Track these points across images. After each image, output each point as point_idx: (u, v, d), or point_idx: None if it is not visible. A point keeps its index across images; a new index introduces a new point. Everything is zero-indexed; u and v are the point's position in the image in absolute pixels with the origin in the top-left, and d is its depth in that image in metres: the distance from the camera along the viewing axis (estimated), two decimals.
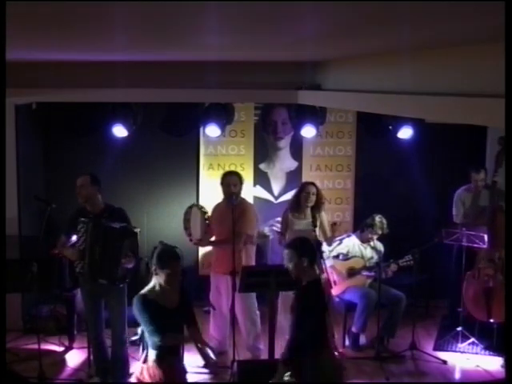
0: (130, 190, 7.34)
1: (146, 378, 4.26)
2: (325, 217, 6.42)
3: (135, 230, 5.40)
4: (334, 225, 6.39)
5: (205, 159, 7.57)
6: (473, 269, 6.41)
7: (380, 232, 6.49)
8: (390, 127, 7.21)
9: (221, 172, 6.71)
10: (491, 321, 6.20)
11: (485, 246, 6.08)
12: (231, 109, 7.23)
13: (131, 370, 5.37)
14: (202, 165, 7.57)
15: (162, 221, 7.47)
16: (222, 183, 6.14)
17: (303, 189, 6.39)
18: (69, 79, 6.19)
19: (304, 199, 6.29)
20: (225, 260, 5.92)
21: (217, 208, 6.30)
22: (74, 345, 6.39)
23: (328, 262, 6.40)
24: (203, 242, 6.29)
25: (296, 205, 6.40)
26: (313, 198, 6.26)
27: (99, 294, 5.43)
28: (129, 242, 5.26)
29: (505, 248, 5.07)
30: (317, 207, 6.30)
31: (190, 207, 6.29)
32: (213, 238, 6.29)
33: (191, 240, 6.21)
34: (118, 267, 5.19)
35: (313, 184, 6.44)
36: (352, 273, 6.53)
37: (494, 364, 6.13)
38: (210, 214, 6.26)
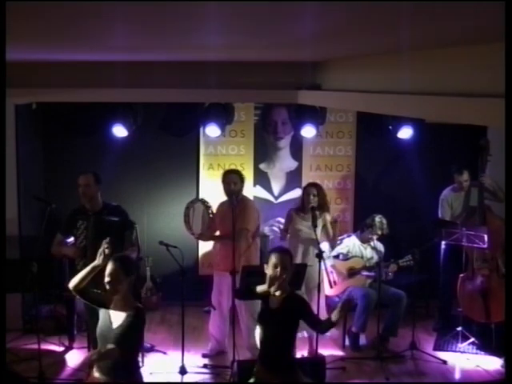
0: (130, 190, 7.35)
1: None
2: (328, 218, 6.40)
3: (133, 221, 5.52)
4: (334, 222, 6.38)
5: (205, 159, 7.57)
6: (467, 270, 6.40)
7: (380, 232, 6.49)
8: (390, 127, 7.20)
9: (221, 172, 6.70)
10: (489, 322, 6.19)
11: (485, 246, 6.04)
12: (231, 109, 7.23)
13: None
14: (201, 165, 7.57)
15: (162, 221, 7.48)
16: (223, 181, 6.15)
17: (305, 190, 6.42)
18: (69, 79, 6.18)
19: (306, 200, 6.30)
20: (227, 258, 5.92)
21: (220, 207, 6.31)
22: (74, 345, 6.39)
23: (328, 262, 6.42)
24: (204, 236, 6.29)
25: (300, 205, 6.43)
26: (314, 199, 6.25)
27: None
28: (129, 233, 5.37)
29: (505, 248, 5.07)
30: (319, 208, 6.28)
31: (192, 202, 6.29)
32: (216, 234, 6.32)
33: (193, 234, 6.22)
34: None
35: (314, 185, 6.43)
36: (352, 273, 6.53)
37: (493, 364, 6.13)
38: (213, 208, 6.27)
